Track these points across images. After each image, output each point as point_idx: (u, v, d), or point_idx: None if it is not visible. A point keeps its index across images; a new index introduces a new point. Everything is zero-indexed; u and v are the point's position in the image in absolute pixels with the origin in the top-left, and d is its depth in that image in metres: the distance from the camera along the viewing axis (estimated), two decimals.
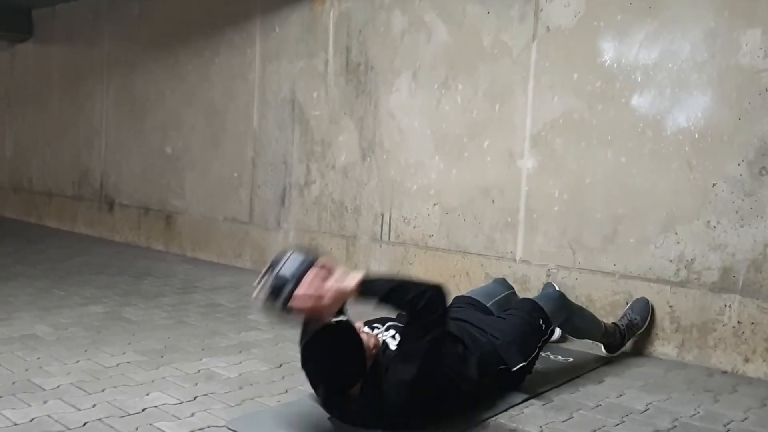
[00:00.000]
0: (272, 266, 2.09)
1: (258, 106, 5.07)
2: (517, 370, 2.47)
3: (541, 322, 2.60)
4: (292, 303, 2.02)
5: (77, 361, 2.77)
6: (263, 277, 2.09)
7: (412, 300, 2.11)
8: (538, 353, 2.57)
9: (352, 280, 2.08)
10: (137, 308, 3.75)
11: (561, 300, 2.85)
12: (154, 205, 6.00)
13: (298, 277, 2.03)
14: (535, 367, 2.62)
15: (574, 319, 2.87)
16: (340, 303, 2.07)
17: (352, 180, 4.46)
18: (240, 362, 2.86)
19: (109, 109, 6.51)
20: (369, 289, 2.10)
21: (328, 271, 2.08)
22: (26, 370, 2.65)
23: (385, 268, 4.25)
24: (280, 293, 2.03)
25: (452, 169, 3.93)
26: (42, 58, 7.40)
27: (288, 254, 2.10)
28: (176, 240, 5.77)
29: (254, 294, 2.11)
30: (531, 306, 2.67)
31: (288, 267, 2.06)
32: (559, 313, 2.74)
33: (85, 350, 2.93)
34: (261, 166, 5.05)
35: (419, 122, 4.09)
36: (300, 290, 2.01)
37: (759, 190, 2.89)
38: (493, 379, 2.44)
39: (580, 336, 3.08)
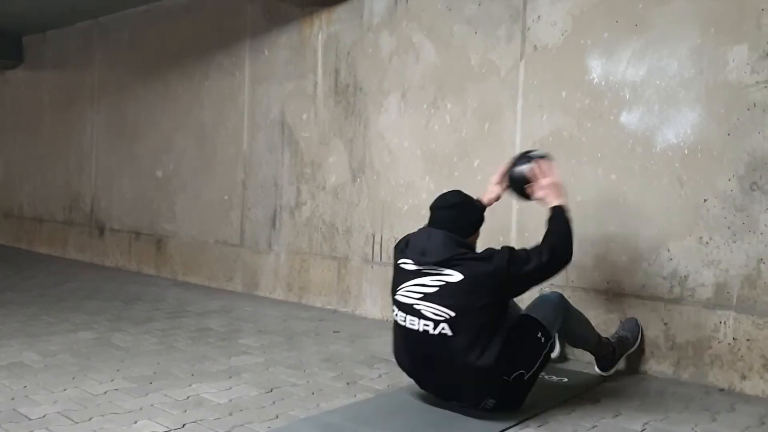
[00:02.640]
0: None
1: (248, 129, 5.06)
2: (515, 377, 2.45)
3: (540, 335, 2.57)
4: (529, 168, 2.74)
5: (65, 389, 2.72)
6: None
7: (559, 239, 2.58)
8: (540, 367, 2.55)
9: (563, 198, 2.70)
10: (127, 334, 3.69)
11: (560, 301, 2.79)
12: (144, 229, 5.96)
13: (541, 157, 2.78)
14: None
15: (572, 322, 2.84)
16: (551, 191, 2.68)
17: (342, 201, 4.44)
18: (230, 387, 2.81)
19: (99, 134, 6.49)
20: (560, 210, 2.65)
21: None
22: (12, 399, 2.59)
23: (378, 290, 4.22)
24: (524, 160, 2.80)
25: (443, 189, 3.87)
26: (32, 83, 7.40)
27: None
28: (167, 264, 5.73)
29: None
30: (530, 321, 2.64)
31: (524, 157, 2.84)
32: (558, 315, 2.70)
33: (73, 378, 2.88)
34: (251, 189, 5.03)
35: (409, 142, 4.08)
36: (542, 162, 2.73)
37: (750, 206, 2.89)
38: (495, 389, 2.44)
39: (575, 341, 3.01)
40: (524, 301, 2.94)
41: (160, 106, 5.80)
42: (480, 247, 2.66)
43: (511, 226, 3.62)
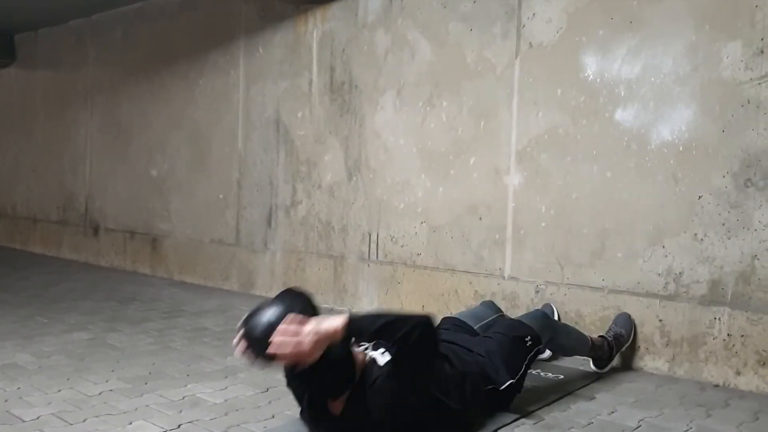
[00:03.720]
0: (246, 319, 2.06)
1: (243, 128, 5.04)
2: (505, 388, 2.43)
3: (527, 339, 2.57)
4: (271, 350, 1.96)
5: (59, 391, 2.71)
6: (239, 331, 2.06)
7: (403, 336, 2.06)
8: (525, 371, 2.53)
9: (336, 321, 1.99)
10: (122, 334, 3.68)
11: (545, 319, 2.83)
12: (139, 228, 5.94)
13: (273, 325, 1.98)
14: (524, 385, 2.58)
15: (559, 337, 2.84)
16: (322, 346, 1.98)
17: (338, 199, 4.43)
18: (226, 387, 2.81)
19: (93, 133, 6.47)
20: (356, 328, 2.03)
21: (304, 318, 2.00)
22: (6, 401, 2.58)
23: (374, 288, 4.22)
24: (257, 343, 2.00)
25: (439, 187, 3.91)
26: (25, 82, 7.37)
27: (262, 305, 2.08)
28: (162, 263, 5.71)
29: (235, 351, 2.08)
30: (517, 324, 2.65)
31: (262, 316, 2.03)
32: (545, 332, 2.71)
33: (68, 379, 2.87)
34: (247, 188, 5.02)
35: (405, 140, 4.08)
36: (276, 337, 1.96)
37: (745, 202, 2.89)
38: (482, 399, 2.40)
39: (567, 354, 3.05)
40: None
41: (154, 104, 5.78)
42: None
43: (506, 224, 3.62)
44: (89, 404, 2.56)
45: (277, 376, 2.95)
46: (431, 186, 3.95)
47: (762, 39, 2.84)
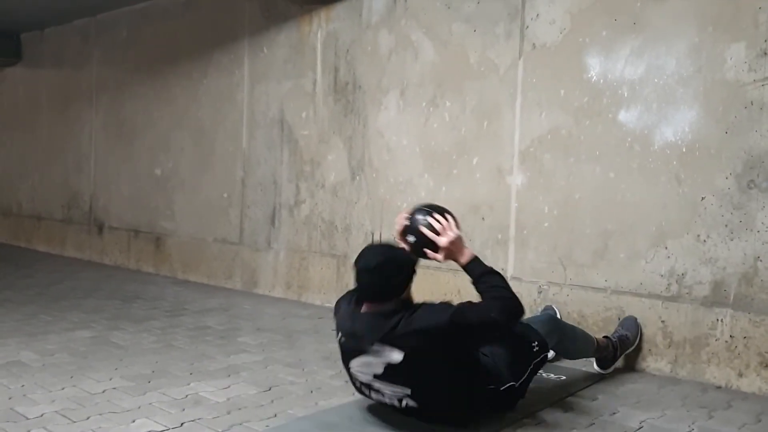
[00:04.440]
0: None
1: (247, 127, 5.06)
2: (505, 389, 2.44)
3: (534, 344, 2.56)
4: (426, 220, 2.43)
5: (62, 388, 2.72)
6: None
7: (501, 290, 2.33)
8: (530, 376, 2.53)
9: (469, 249, 2.46)
10: (125, 332, 3.70)
11: (552, 322, 2.82)
12: (143, 227, 5.96)
13: (437, 208, 2.50)
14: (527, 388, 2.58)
15: (566, 341, 2.83)
16: (454, 250, 2.40)
17: (341, 199, 4.44)
18: (228, 386, 2.82)
19: (98, 132, 6.49)
20: (476, 262, 2.42)
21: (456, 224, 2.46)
22: (9, 398, 2.60)
23: None
24: (419, 211, 2.49)
25: (442, 187, 3.92)
26: (31, 81, 7.40)
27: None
28: (166, 262, 5.73)
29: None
30: (525, 329, 2.64)
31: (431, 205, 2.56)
32: (552, 335, 2.71)
33: (71, 377, 2.88)
34: (250, 187, 5.03)
35: (408, 140, 4.08)
36: (437, 215, 2.44)
37: (747, 204, 2.89)
38: (483, 397, 2.41)
39: (573, 357, 3.03)
40: None
41: (159, 104, 5.80)
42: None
43: (509, 224, 3.62)
44: (93, 402, 2.58)
45: (279, 375, 2.97)
46: (434, 186, 3.96)
47: (766, 40, 2.84)
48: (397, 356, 2.22)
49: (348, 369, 2.44)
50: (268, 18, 4.89)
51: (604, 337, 3.08)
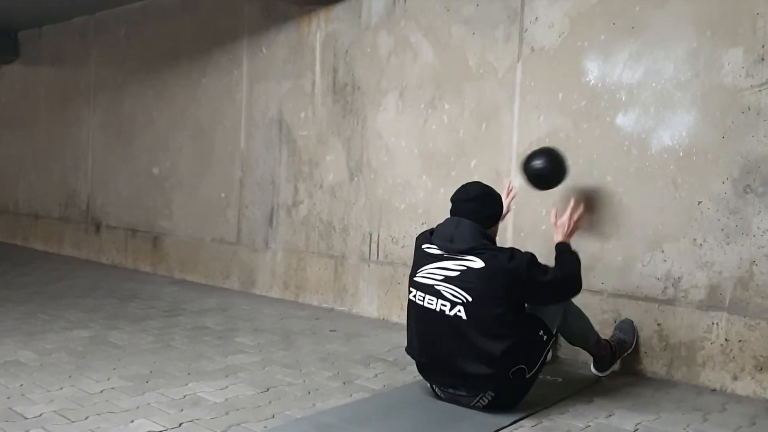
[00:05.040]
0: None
1: (245, 127, 5.06)
2: (515, 371, 2.51)
3: (541, 333, 2.62)
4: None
5: (61, 388, 2.73)
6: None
7: (572, 269, 2.74)
8: (541, 366, 2.60)
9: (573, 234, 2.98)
10: (123, 332, 3.70)
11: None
12: (141, 226, 5.97)
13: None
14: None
15: (572, 319, 2.85)
16: (570, 228, 2.96)
17: (340, 199, 4.45)
18: (226, 387, 2.83)
19: (96, 131, 6.49)
20: (569, 243, 2.91)
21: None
22: (8, 398, 2.60)
23: (374, 288, 4.24)
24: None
25: (440, 188, 3.93)
26: (28, 79, 7.39)
27: None
28: (163, 261, 5.73)
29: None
30: (531, 319, 2.66)
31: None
32: (557, 311, 2.73)
33: (69, 376, 2.89)
34: (248, 187, 5.04)
35: (406, 142, 4.10)
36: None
37: (744, 208, 2.91)
38: (506, 370, 2.50)
39: (574, 340, 3.01)
40: None
41: (157, 103, 5.80)
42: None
43: (507, 226, 3.64)
44: (91, 402, 2.58)
45: (277, 376, 2.98)
46: (432, 187, 3.97)
47: (763, 46, 2.86)
48: (479, 264, 2.50)
49: (414, 275, 2.66)
50: (267, 18, 4.89)
51: (604, 339, 3.09)
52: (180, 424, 2.39)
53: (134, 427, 2.36)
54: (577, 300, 3.33)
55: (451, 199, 2.74)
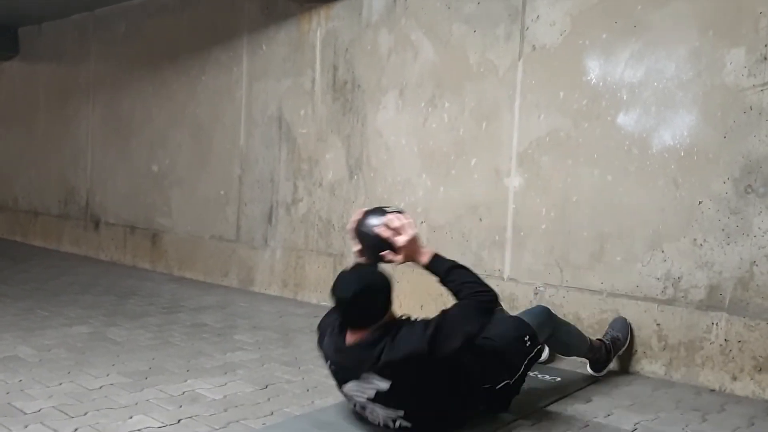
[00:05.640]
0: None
1: (245, 124, 5.06)
2: (501, 387, 2.44)
3: (527, 339, 2.57)
4: (382, 222, 2.36)
5: (60, 384, 2.72)
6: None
7: (472, 285, 2.32)
8: (524, 372, 2.54)
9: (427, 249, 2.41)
10: (122, 328, 3.70)
11: (546, 315, 2.82)
12: (140, 223, 5.96)
13: (384, 210, 2.43)
14: (522, 387, 2.59)
15: (560, 334, 2.85)
16: (412, 251, 2.36)
17: (339, 198, 4.45)
18: (225, 384, 2.82)
19: (95, 128, 6.48)
20: (439, 259, 2.39)
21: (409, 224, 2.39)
22: (7, 393, 2.60)
23: None
24: (372, 214, 2.42)
25: (439, 187, 3.92)
26: (28, 75, 7.37)
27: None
28: (162, 258, 5.72)
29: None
30: (517, 323, 2.65)
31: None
32: (545, 328, 2.72)
33: (68, 372, 2.88)
34: (248, 184, 5.03)
35: (406, 140, 4.09)
36: (388, 218, 2.37)
37: (744, 208, 2.90)
38: (478, 397, 2.42)
39: (566, 352, 3.06)
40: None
41: (156, 100, 5.79)
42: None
43: (506, 225, 3.63)
44: (90, 398, 2.58)
45: (276, 373, 2.97)
46: (432, 186, 3.97)
47: (766, 46, 2.86)
48: (384, 385, 2.20)
49: (341, 390, 2.39)
50: (267, 16, 4.88)
51: (597, 339, 3.09)
52: (179, 421, 2.39)
53: (133, 423, 2.36)
54: (576, 299, 3.35)
55: (332, 294, 2.32)
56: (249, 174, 5.02)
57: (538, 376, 3.01)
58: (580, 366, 3.15)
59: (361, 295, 2.25)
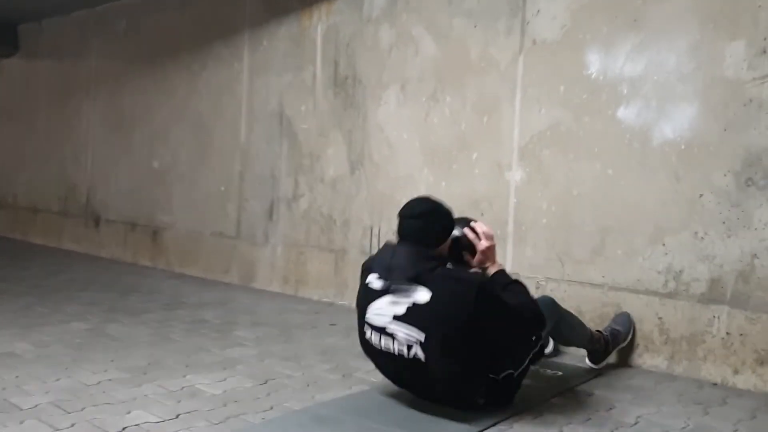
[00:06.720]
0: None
1: (246, 120, 5.05)
2: (503, 378, 2.44)
3: (533, 338, 2.56)
4: (470, 226, 2.59)
5: (57, 380, 2.71)
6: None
7: (524, 303, 2.44)
8: (527, 366, 2.53)
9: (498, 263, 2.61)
10: (121, 325, 3.69)
11: (551, 306, 2.81)
12: (141, 220, 5.95)
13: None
14: (523, 381, 2.58)
15: (563, 325, 2.85)
16: (487, 256, 2.55)
17: (341, 193, 4.43)
18: (224, 379, 2.81)
19: (96, 124, 6.47)
20: (504, 273, 2.55)
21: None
22: (3, 389, 2.58)
23: None
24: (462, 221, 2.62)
25: (441, 182, 3.91)
26: (28, 73, 7.37)
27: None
28: (163, 255, 5.72)
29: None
30: (530, 318, 2.63)
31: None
32: (549, 319, 2.70)
33: (66, 368, 2.87)
34: (249, 180, 5.02)
35: (408, 135, 4.08)
36: (475, 224, 2.61)
37: (745, 201, 2.89)
38: (481, 385, 2.41)
39: (567, 342, 3.05)
40: None
41: (157, 96, 5.78)
42: None
43: (508, 219, 3.62)
44: (87, 393, 2.57)
45: (276, 368, 2.97)
46: (434, 180, 3.95)
47: (765, 39, 2.84)
48: (425, 296, 2.28)
49: (363, 316, 2.47)
50: (268, 11, 4.87)
51: (597, 330, 3.09)
52: (177, 416, 2.38)
53: (131, 418, 2.34)
54: (577, 293, 3.33)
55: (398, 215, 2.50)
56: (250, 170, 5.01)
57: (540, 370, 3.00)
58: (582, 360, 3.14)
59: (429, 214, 2.46)
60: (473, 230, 2.57)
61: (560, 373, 3.01)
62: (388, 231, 4.15)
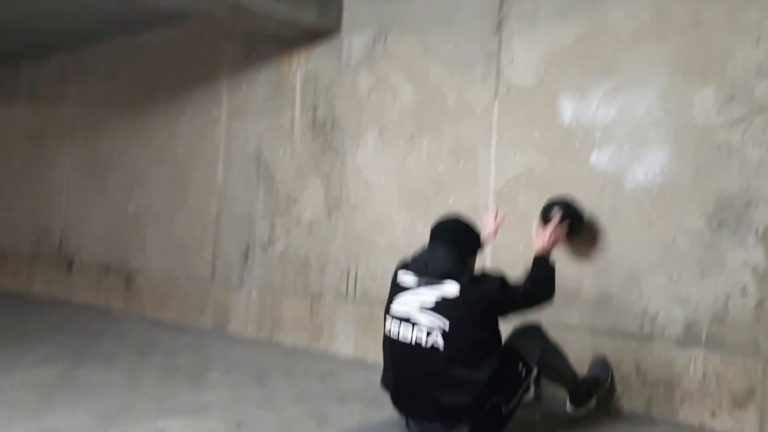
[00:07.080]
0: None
1: (223, 163, 5.05)
2: (491, 407, 2.47)
3: (520, 366, 2.59)
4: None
5: (25, 424, 2.62)
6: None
7: (542, 275, 2.75)
8: (519, 401, 2.57)
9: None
10: (92, 369, 3.59)
11: (541, 330, 2.80)
12: (114, 264, 5.86)
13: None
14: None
15: (550, 355, 2.80)
16: (554, 239, 2.91)
17: (317, 236, 4.42)
18: (197, 423, 2.74)
19: (72, 168, 6.42)
20: (544, 260, 2.82)
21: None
22: None
23: (351, 327, 4.18)
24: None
25: (418, 224, 3.92)
26: (5, 115, 7.32)
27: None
28: (136, 299, 5.62)
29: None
30: (509, 352, 2.63)
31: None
32: (536, 345, 2.70)
33: (34, 413, 2.78)
34: (225, 223, 4.99)
35: (386, 178, 4.11)
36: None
37: (718, 243, 2.94)
38: (480, 408, 2.46)
39: (552, 375, 2.96)
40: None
41: (135, 140, 5.77)
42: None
43: (485, 262, 3.63)
44: None
45: (250, 413, 2.89)
46: (411, 223, 3.96)
47: (733, 86, 2.94)
48: (454, 291, 2.48)
49: (390, 304, 2.64)
50: (248, 57, 4.93)
51: (580, 376, 3.06)
52: None
53: None
54: (555, 336, 3.32)
55: (431, 228, 2.74)
56: (226, 212, 4.99)
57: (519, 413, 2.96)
58: (562, 405, 3.11)
59: (461, 228, 2.73)
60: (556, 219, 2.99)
61: (539, 419, 2.98)
62: (366, 273, 4.14)
